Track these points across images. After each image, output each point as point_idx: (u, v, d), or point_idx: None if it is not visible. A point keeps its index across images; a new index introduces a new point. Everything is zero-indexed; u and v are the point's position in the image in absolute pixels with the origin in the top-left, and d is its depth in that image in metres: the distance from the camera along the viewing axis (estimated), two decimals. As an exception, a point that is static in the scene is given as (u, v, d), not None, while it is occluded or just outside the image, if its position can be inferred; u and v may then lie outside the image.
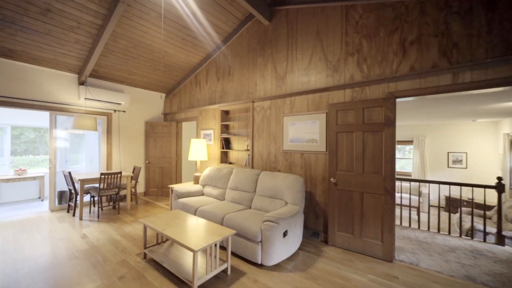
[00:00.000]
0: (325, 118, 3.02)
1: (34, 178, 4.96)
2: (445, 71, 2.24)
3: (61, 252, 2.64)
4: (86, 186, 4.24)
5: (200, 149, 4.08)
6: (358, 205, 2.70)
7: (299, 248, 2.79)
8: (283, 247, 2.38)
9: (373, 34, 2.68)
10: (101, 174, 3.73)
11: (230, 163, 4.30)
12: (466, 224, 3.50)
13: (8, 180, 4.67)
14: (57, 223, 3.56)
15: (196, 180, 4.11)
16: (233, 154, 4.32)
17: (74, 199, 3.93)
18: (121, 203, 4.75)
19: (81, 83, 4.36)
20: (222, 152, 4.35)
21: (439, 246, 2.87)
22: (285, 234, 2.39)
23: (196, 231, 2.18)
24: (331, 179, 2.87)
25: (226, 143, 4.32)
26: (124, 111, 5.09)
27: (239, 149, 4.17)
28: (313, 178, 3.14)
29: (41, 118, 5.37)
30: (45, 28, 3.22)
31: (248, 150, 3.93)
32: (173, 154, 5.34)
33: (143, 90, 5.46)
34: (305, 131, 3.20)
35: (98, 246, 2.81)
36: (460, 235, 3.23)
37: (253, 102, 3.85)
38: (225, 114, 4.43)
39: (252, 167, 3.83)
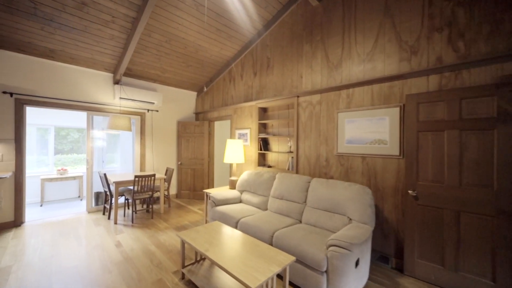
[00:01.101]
0: (398, 114, 2.39)
1: (74, 177, 5.05)
2: None
3: (95, 263, 2.42)
4: (120, 188, 4.12)
5: (236, 150, 3.69)
6: (452, 227, 2.04)
7: (369, 278, 2.21)
8: (355, 280, 1.84)
9: (475, -2, 2.00)
10: (135, 176, 3.54)
11: (269, 166, 3.84)
12: None
13: (51, 180, 4.80)
14: (93, 227, 3.44)
15: (232, 185, 3.73)
16: (272, 156, 3.85)
17: (109, 201, 3.81)
18: (154, 206, 4.58)
19: (116, 82, 4.27)
20: (259, 154, 3.92)
21: None
22: (357, 263, 1.84)
23: (245, 255, 1.75)
24: (409, 192, 2.23)
25: (264, 144, 3.87)
26: (157, 111, 4.94)
27: (279, 151, 3.69)
28: (380, 188, 2.52)
29: (82, 119, 5.53)
30: (82, 25, 3.09)
31: (291, 152, 3.43)
32: (205, 156, 5.05)
33: (175, 89, 5.27)
34: (368, 130, 2.60)
35: (132, 257, 2.55)
36: None
37: (298, 97, 3.33)
38: (263, 111, 3.98)
39: (297, 172, 3.32)
